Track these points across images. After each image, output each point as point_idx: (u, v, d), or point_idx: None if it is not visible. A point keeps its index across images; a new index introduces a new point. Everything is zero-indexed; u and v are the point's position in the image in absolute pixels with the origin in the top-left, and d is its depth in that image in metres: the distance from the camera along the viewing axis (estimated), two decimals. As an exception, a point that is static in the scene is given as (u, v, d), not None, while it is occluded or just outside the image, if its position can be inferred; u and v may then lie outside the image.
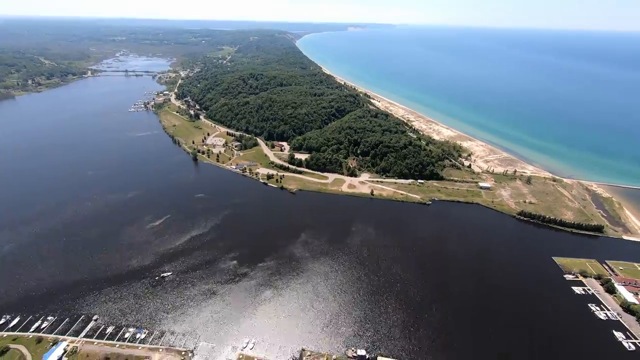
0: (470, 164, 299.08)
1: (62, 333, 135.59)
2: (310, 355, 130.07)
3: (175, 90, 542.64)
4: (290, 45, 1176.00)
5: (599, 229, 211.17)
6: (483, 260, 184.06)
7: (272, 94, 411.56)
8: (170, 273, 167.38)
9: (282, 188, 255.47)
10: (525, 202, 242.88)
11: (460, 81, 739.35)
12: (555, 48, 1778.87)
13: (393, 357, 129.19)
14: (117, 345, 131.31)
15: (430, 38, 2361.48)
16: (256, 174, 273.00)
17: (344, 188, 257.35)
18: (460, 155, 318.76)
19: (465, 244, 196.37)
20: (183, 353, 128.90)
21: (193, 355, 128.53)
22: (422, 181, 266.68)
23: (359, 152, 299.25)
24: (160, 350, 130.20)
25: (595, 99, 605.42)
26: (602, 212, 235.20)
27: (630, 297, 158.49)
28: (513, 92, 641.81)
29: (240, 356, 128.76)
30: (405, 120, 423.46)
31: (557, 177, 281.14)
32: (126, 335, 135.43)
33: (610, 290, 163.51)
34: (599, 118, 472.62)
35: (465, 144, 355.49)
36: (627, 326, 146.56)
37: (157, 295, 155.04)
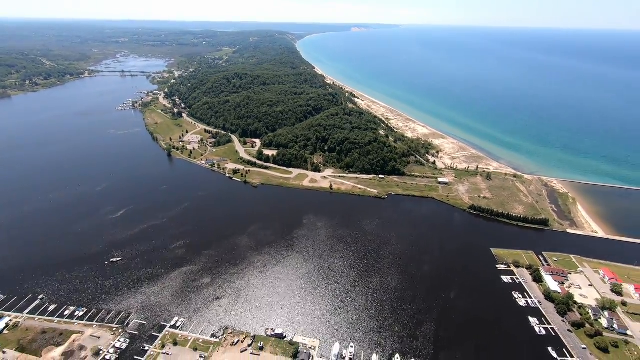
0: (435, 161, 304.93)
1: (8, 310, 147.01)
2: (231, 333, 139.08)
3: (166, 90, 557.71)
4: (288, 46, 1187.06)
5: (545, 222, 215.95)
6: (423, 250, 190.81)
7: (251, 92, 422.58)
8: (120, 258, 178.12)
9: (245, 182, 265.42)
10: (479, 197, 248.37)
11: (448, 80, 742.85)
12: (553, 47, 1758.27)
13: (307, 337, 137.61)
14: (56, 321, 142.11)
15: (431, 38, 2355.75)
16: (224, 169, 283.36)
17: (305, 183, 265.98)
18: (428, 152, 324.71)
19: (409, 235, 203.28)
20: (114, 329, 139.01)
21: (124, 331, 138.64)
22: (382, 176, 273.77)
23: (326, 148, 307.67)
24: (94, 326, 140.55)
25: (576, 97, 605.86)
26: (554, 206, 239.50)
27: (554, 286, 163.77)
28: (497, 90, 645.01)
29: (167, 332, 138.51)
30: (383, 119, 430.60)
31: (518, 174, 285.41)
32: (66, 313, 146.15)
33: (538, 279, 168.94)
34: (575, 116, 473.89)
35: (437, 142, 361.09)
36: (544, 312, 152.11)
37: (103, 278, 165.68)
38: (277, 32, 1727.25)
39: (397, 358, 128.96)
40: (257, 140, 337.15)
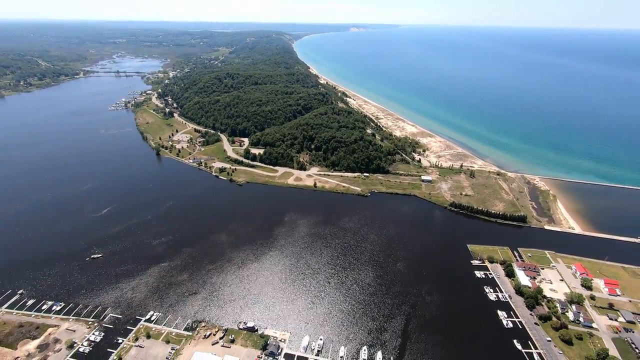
0: (420, 159, 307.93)
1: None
2: (204, 327, 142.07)
3: (159, 90, 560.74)
4: (284, 47, 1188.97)
5: (523, 219, 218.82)
6: (400, 246, 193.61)
7: (241, 92, 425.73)
8: (100, 255, 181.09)
9: (231, 180, 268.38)
10: (461, 194, 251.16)
11: (442, 79, 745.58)
12: (550, 47, 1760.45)
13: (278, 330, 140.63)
14: (33, 316, 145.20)
15: (429, 38, 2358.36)
16: (210, 168, 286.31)
17: (290, 181, 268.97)
18: (414, 151, 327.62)
19: (388, 232, 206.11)
20: (90, 322, 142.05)
21: (99, 324, 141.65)
22: (367, 174, 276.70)
23: (312, 147, 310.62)
24: (70, 320, 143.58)
25: (567, 95, 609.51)
26: (534, 203, 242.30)
27: (525, 281, 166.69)
28: (490, 89, 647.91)
29: (141, 325, 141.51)
30: (373, 118, 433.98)
31: (502, 171, 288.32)
32: (44, 307, 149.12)
33: (510, 274, 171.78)
34: (564, 114, 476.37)
35: (424, 140, 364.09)
36: (513, 306, 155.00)
37: (82, 274, 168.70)
38: (275, 33, 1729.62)
39: (364, 350, 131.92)
40: (246, 140, 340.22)
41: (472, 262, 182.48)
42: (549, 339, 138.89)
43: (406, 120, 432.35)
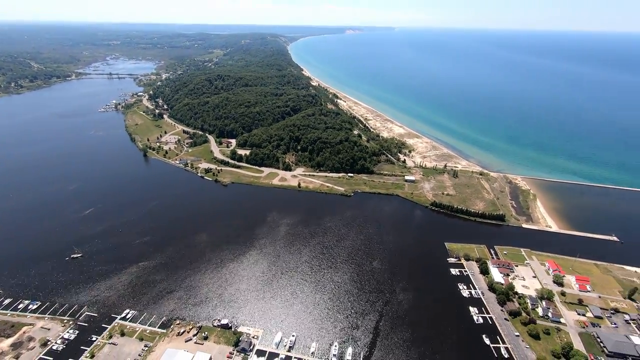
0: (405, 159, 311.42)
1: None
2: (179, 324, 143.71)
3: (150, 92, 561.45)
4: (278, 49, 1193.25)
5: (501, 217, 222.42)
6: (379, 245, 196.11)
7: (230, 94, 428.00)
8: (80, 254, 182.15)
9: (216, 181, 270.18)
10: (443, 194, 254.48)
11: (433, 81, 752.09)
12: (541, 49, 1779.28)
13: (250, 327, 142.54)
14: (9, 314, 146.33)
15: (423, 40, 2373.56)
16: (196, 169, 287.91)
17: (275, 181, 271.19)
18: (400, 151, 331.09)
19: (368, 231, 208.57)
20: (65, 321, 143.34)
21: (74, 322, 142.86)
22: (351, 175, 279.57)
23: (299, 148, 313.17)
24: (46, 318, 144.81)
25: (555, 97, 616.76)
26: (514, 202, 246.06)
27: (498, 278, 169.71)
28: (479, 90, 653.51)
29: (116, 324, 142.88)
30: (362, 119, 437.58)
31: (484, 171, 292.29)
32: (20, 306, 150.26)
33: (484, 271, 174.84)
34: (551, 115, 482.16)
35: (411, 141, 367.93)
36: (485, 302, 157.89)
37: (61, 273, 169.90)
38: (270, 35, 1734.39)
39: (335, 346, 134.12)
40: (233, 141, 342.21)
41: (448, 260, 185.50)
42: (517, 334, 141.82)
43: (394, 122, 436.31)
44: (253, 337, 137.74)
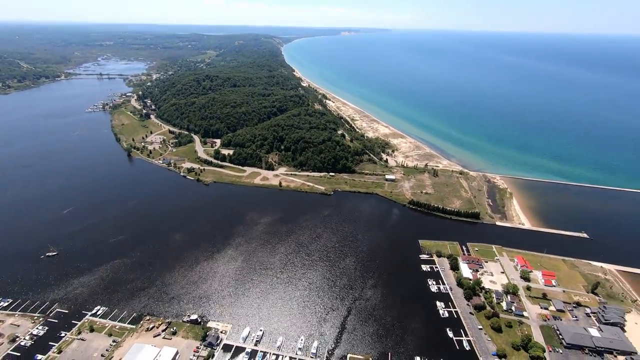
0: (387, 159, 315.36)
1: None
2: (149, 320, 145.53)
3: (140, 92, 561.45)
4: (271, 50, 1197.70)
5: (476, 215, 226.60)
6: (354, 243, 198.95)
7: (217, 94, 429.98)
8: (55, 252, 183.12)
9: (198, 180, 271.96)
10: (421, 192, 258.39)
11: (423, 83, 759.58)
12: (535, 51, 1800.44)
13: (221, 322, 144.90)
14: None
15: (418, 43, 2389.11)
16: (179, 168, 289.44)
17: (257, 180, 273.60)
18: (383, 151, 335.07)
19: (345, 230, 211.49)
20: (35, 317, 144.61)
21: (44, 319, 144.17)
22: (332, 174, 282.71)
23: (282, 147, 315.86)
24: (16, 315, 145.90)
25: (540, 97, 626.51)
26: (490, 201, 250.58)
27: (467, 273, 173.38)
28: (467, 91, 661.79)
29: (86, 320, 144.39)
30: (349, 119, 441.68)
31: (464, 170, 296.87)
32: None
33: (455, 267, 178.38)
34: (537, 117, 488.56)
35: (395, 141, 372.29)
36: (452, 297, 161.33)
37: (35, 271, 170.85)
38: (264, 36, 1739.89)
39: (301, 340, 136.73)
40: (218, 141, 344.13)
41: (420, 256, 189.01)
42: (481, 327, 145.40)
43: (380, 122, 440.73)
44: (221, 332, 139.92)
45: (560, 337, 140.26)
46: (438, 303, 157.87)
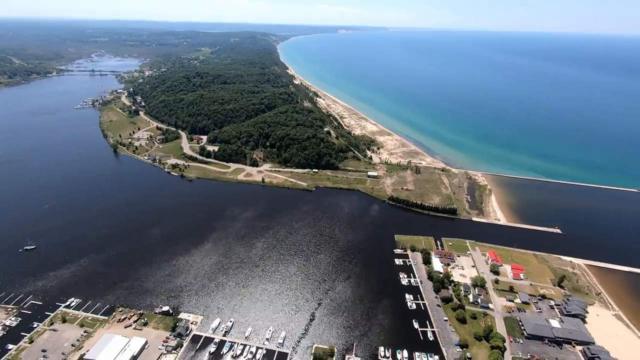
0: (372, 156, 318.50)
1: None
2: (121, 311, 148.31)
3: (131, 89, 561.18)
4: (267, 47, 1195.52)
5: (453, 211, 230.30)
6: (332, 238, 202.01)
7: (206, 91, 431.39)
8: (34, 246, 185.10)
9: (182, 176, 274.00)
10: (402, 189, 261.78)
11: (415, 81, 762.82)
12: (531, 50, 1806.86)
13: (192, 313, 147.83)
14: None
15: (415, 41, 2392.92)
16: (164, 164, 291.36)
17: (240, 176, 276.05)
18: (369, 148, 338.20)
19: (324, 225, 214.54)
20: (8, 309, 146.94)
21: (18, 310, 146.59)
22: (316, 170, 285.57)
23: (267, 144, 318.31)
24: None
25: (531, 97, 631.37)
26: (469, 197, 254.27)
27: (438, 267, 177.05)
28: (459, 90, 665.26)
29: (59, 311, 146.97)
30: (338, 117, 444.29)
31: (447, 168, 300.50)
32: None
33: (427, 261, 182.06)
34: (524, 115, 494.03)
35: (382, 138, 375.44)
36: (422, 290, 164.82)
37: (12, 264, 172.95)
38: (260, 34, 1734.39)
39: (270, 330, 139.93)
40: (204, 137, 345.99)
41: (395, 250, 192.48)
42: (446, 318, 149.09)
43: (369, 119, 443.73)
44: (191, 323, 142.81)
45: (522, 328, 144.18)
46: (407, 296, 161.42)
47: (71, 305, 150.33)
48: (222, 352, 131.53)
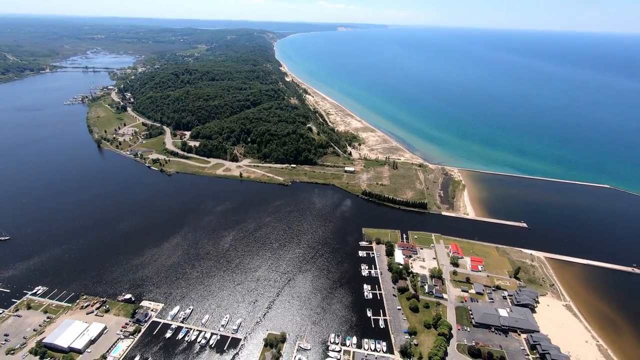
0: (351, 152, 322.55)
1: None
2: (85, 298, 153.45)
3: (121, 86, 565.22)
4: (262, 45, 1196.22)
5: (424, 206, 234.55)
6: (301, 231, 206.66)
7: (192, 87, 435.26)
8: (7, 237, 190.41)
9: (161, 171, 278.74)
10: (377, 184, 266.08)
11: (408, 79, 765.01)
12: (530, 49, 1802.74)
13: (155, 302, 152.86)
14: None
15: (413, 39, 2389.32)
16: (145, 159, 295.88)
17: (219, 171, 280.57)
18: (350, 144, 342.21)
19: (295, 217, 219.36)
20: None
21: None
22: (294, 165, 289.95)
23: (248, 140, 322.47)
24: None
25: (519, 94, 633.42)
26: (442, 192, 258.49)
27: (399, 259, 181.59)
28: (450, 88, 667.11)
29: (25, 298, 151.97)
30: (324, 113, 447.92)
31: (424, 163, 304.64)
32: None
33: (390, 253, 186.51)
34: (509, 112, 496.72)
35: (364, 134, 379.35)
36: (381, 281, 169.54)
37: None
38: (257, 31, 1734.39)
39: (226, 318, 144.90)
40: (188, 133, 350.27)
41: (360, 243, 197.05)
42: (399, 307, 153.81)
43: (355, 116, 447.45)
44: (151, 310, 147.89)
45: (471, 316, 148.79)
46: (365, 286, 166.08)
47: (37, 293, 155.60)
48: (177, 338, 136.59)
